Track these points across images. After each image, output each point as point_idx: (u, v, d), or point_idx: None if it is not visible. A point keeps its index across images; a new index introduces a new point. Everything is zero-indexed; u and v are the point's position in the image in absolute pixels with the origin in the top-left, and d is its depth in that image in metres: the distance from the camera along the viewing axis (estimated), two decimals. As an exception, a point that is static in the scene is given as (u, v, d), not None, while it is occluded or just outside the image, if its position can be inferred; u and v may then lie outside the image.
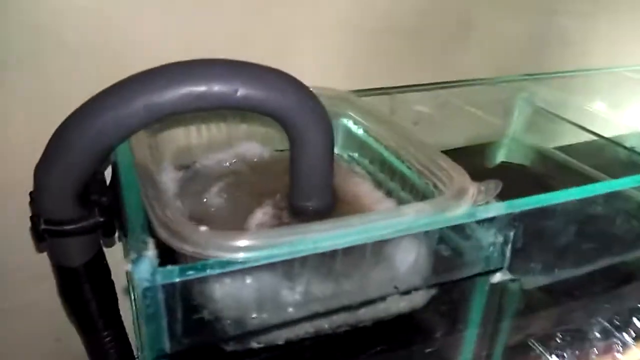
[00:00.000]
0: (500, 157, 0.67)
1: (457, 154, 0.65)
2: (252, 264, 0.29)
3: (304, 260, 0.31)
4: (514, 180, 0.60)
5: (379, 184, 0.46)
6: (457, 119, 0.63)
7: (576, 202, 0.38)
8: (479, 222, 0.36)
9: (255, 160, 0.50)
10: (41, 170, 0.37)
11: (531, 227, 0.38)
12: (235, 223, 0.41)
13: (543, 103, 0.66)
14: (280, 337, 0.33)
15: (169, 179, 0.46)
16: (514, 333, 0.41)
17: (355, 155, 0.52)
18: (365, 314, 0.35)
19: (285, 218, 0.43)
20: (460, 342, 0.39)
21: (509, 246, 0.37)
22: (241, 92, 0.37)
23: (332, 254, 0.32)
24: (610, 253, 0.44)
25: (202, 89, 0.36)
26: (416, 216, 0.32)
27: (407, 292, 0.35)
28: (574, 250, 0.41)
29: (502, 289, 0.39)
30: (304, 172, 0.41)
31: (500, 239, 0.36)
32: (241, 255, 0.28)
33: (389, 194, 0.45)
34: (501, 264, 0.37)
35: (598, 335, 0.48)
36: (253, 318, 0.32)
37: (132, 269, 0.26)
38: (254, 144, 0.51)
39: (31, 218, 0.38)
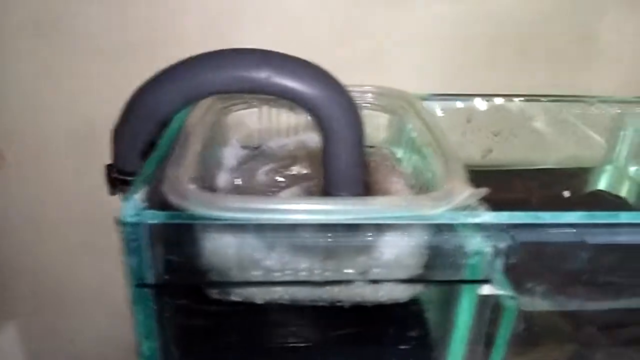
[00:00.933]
0: (598, 184, 0.61)
1: (547, 175, 0.62)
2: (223, 222, 0.33)
3: (277, 228, 0.35)
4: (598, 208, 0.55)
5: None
6: (547, 137, 0.59)
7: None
8: (466, 227, 0.35)
9: (313, 147, 0.54)
10: (117, 130, 0.46)
11: (532, 244, 0.36)
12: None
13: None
14: (255, 296, 0.37)
15: (232, 154, 0.53)
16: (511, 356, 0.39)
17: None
18: (339, 294, 0.37)
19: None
20: (441, 349, 0.38)
21: (500, 259, 0.35)
22: (272, 79, 0.41)
23: (311, 229, 0.35)
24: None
25: (239, 73, 0.41)
26: (385, 209, 0.33)
27: (376, 281, 0.36)
28: (588, 280, 0.37)
29: (495, 305, 0.37)
30: (333, 163, 0.44)
31: (489, 249, 0.35)
32: (216, 213, 0.33)
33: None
34: (489, 275, 0.36)
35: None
36: (226, 272, 0.36)
37: (121, 205, 0.33)
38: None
39: (107, 166, 0.47)
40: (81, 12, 0.59)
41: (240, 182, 0.48)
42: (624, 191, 0.59)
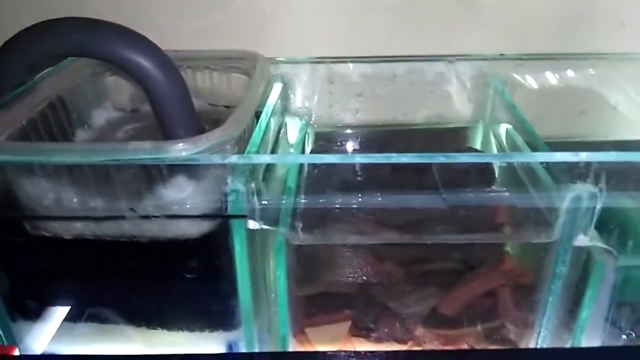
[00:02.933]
0: (474, 142, 0.62)
1: (425, 133, 0.64)
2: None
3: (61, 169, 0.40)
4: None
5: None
6: (412, 96, 0.61)
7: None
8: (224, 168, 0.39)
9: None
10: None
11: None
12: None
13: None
14: (59, 231, 0.42)
15: (102, 115, 0.58)
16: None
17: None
18: (133, 230, 0.42)
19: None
20: (225, 281, 0.42)
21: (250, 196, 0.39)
22: (88, 45, 0.46)
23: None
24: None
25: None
26: (135, 152, 0.38)
27: (146, 217, 0.40)
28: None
29: (264, 238, 0.41)
30: (162, 119, 0.48)
31: (242, 187, 0.39)
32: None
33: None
34: (244, 212, 0.39)
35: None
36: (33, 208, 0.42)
37: None
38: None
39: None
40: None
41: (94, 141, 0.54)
42: (493, 149, 0.61)
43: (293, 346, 0.46)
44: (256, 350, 0.46)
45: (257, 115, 0.51)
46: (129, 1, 0.62)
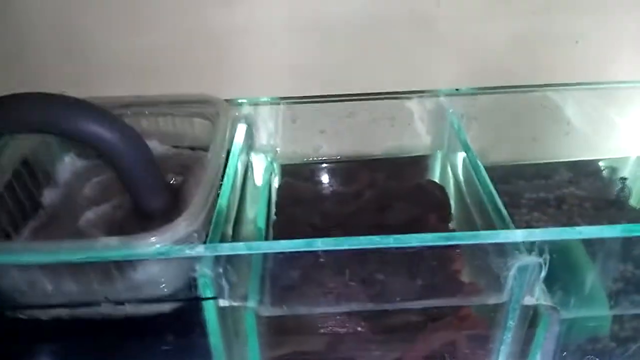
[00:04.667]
0: (433, 173, 0.65)
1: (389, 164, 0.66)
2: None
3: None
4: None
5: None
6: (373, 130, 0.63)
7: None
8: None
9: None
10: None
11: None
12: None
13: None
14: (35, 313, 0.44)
15: (65, 169, 0.58)
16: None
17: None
18: (108, 310, 0.43)
19: (119, 216, 0.52)
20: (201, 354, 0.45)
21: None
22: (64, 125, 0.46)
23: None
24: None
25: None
26: (103, 248, 0.39)
27: (119, 303, 0.42)
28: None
29: (235, 313, 0.44)
30: (129, 186, 0.49)
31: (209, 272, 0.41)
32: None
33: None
34: (213, 293, 0.42)
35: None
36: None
37: None
38: (154, 141, 0.60)
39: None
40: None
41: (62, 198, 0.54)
42: (450, 181, 0.63)
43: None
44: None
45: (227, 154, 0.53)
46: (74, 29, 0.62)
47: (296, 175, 0.65)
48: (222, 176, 0.49)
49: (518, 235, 0.41)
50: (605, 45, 0.66)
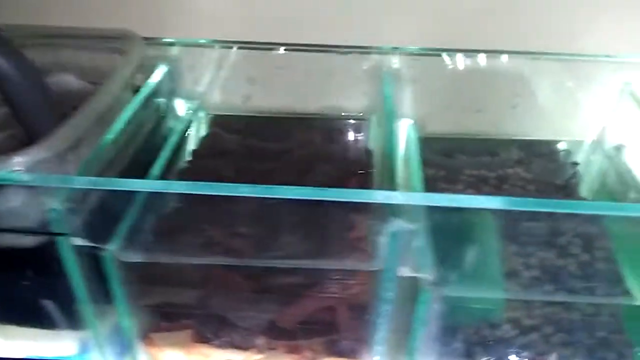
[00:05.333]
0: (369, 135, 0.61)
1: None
2: None
3: None
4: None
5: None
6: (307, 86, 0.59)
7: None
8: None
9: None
10: None
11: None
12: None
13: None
14: None
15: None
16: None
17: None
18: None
19: (11, 146, 0.50)
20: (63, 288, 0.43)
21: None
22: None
23: None
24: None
25: None
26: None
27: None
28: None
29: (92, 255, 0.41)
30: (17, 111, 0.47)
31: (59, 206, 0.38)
32: None
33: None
34: (65, 230, 0.39)
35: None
36: None
37: None
38: (71, 76, 0.57)
39: None
40: None
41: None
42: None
43: (142, 348, 0.47)
44: (107, 349, 0.47)
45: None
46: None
47: (225, 127, 0.62)
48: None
49: (391, 197, 0.37)
50: (577, 16, 0.60)
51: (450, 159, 0.64)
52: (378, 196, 0.37)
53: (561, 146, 0.64)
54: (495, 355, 0.45)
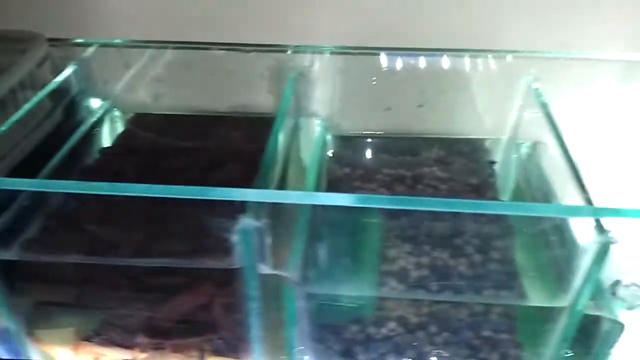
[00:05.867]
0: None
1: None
2: None
3: None
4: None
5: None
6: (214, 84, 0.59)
7: None
8: None
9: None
10: None
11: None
12: None
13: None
14: None
15: None
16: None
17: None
18: None
19: None
20: None
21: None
22: None
23: None
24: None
25: None
26: None
27: None
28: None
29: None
30: None
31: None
32: None
33: None
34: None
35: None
36: None
37: None
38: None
39: None
40: None
41: None
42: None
43: (30, 343, 0.47)
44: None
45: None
46: None
47: (140, 125, 0.62)
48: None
49: (245, 194, 0.37)
50: (493, 12, 0.60)
51: (370, 158, 0.64)
52: (233, 194, 0.37)
53: (484, 145, 0.64)
54: (377, 353, 0.45)
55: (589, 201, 0.39)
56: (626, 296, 0.57)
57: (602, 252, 0.36)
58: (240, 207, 0.37)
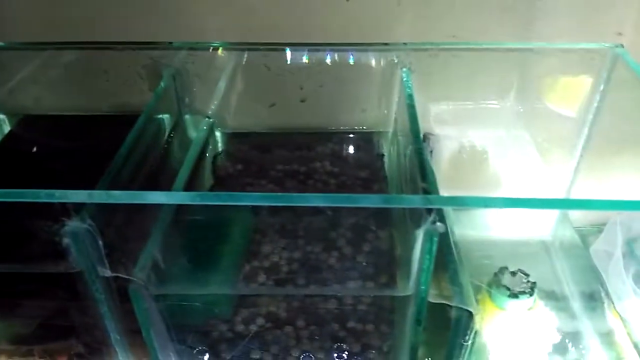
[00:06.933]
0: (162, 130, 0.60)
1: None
2: None
3: None
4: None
5: None
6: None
7: None
8: None
9: None
10: None
11: None
12: None
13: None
14: None
15: None
16: None
17: None
18: None
19: None
20: None
21: None
22: None
23: None
24: None
25: None
26: None
27: None
28: None
29: None
30: None
31: None
32: None
33: None
34: None
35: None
36: None
37: None
38: None
39: None
40: None
41: None
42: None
43: None
44: None
45: None
46: None
47: (26, 128, 0.61)
48: None
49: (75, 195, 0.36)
50: (378, 6, 0.59)
51: (265, 154, 0.64)
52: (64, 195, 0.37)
53: (375, 138, 0.64)
54: (241, 351, 0.45)
55: (424, 190, 0.40)
56: (510, 283, 0.58)
57: (430, 241, 0.36)
58: (71, 210, 0.37)
